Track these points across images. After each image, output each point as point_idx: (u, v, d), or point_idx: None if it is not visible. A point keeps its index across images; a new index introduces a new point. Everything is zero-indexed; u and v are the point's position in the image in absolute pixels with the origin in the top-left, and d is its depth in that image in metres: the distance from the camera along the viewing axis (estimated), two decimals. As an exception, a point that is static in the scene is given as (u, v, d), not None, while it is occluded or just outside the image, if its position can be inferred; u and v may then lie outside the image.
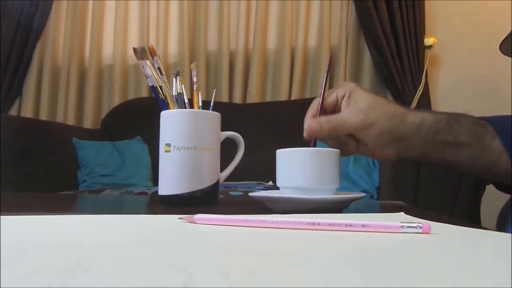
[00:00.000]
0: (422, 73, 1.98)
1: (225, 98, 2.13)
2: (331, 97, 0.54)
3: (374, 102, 0.51)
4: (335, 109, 0.54)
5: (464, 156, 0.51)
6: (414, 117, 0.51)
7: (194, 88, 0.64)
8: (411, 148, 0.52)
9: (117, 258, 0.21)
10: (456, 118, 0.52)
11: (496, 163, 0.50)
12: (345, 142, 0.55)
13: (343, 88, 0.53)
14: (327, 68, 0.58)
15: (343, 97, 0.52)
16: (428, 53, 2.00)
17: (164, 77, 0.60)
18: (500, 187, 0.56)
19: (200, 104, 0.64)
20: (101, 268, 0.19)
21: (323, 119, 0.53)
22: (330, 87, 2.10)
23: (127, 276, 0.18)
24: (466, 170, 0.53)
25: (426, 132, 0.51)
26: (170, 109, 0.60)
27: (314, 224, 0.31)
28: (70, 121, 2.20)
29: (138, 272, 0.19)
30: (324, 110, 0.54)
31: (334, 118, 0.52)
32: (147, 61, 0.60)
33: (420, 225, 0.30)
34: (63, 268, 0.19)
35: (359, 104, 0.51)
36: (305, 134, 0.54)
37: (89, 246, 0.24)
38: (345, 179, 1.43)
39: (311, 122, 0.53)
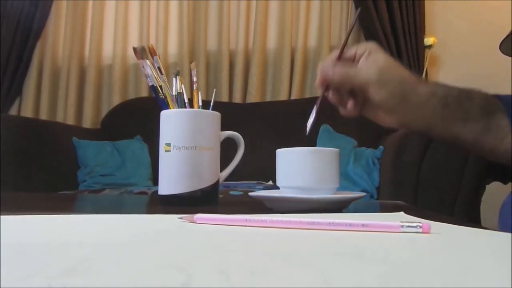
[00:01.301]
0: (422, 73, 1.98)
1: (225, 98, 2.13)
2: (350, 52, 0.53)
3: (392, 63, 0.51)
4: (352, 65, 0.54)
5: (470, 132, 0.50)
6: (425, 88, 0.51)
7: (194, 88, 0.64)
8: (417, 119, 0.52)
9: (117, 258, 0.21)
10: (468, 93, 0.51)
11: (501, 142, 0.49)
12: (347, 101, 0.55)
13: (365, 46, 0.53)
14: (354, 20, 0.58)
15: (362, 55, 0.52)
16: (428, 53, 2.00)
17: (164, 77, 0.60)
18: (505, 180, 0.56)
19: (200, 103, 0.64)
20: (101, 268, 0.19)
21: (338, 66, 0.52)
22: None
23: (127, 276, 0.18)
24: (470, 147, 0.52)
25: (434, 104, 0.50)
26: (170, 108, 0.60)
27: (314, 224, 0.31)
28: (70, 121, 2.20)
29: (138, 272, 0.19)
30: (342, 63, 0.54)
31: (348, 67, 0.52)
32: (147, 60, 0.60)
33: (420, 224, 0.30)
34: (63, 268, 0.19)
35: (377, 62, 0.51)
36: (317, 80, 0.54)
37: (89, 246, 0.24)
38: (345, 179, 1.43)
39: (325, 65, 0.53)
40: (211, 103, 0.63)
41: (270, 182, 1.58)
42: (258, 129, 1.86)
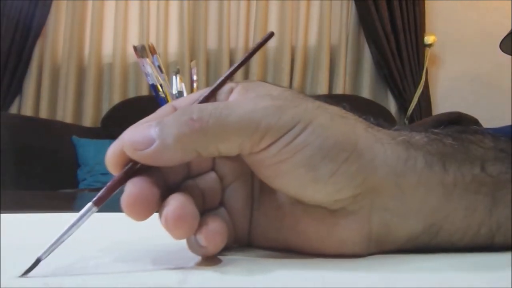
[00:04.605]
0: (422, 71, 1.98)
1: (225, 97, 2.12)
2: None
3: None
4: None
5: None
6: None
7: (194, 86, 0.64)
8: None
9: (116, 257, 0.21)
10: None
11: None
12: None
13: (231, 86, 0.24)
14: (261, 42, 0.26)
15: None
16: (428, 51, 2.00)
17: (164, 75, 0.60)
18: None
19: (200, 102, 0.64)
20: (100, 268, 0.19)
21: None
22: (330, 85, 2.10)
23: (125, 275, 0.18)
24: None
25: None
26: (170, 107, 0.60)
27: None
28: (70, 119, 2.20)
29: (136, 271, 0.19)
30: None
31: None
32: (147, 59, 0.60)
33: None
34: (62, 267, 0.19)
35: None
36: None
37: (88, 245, 0.24)
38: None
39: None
40: (211, 102, 0.63)
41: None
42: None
